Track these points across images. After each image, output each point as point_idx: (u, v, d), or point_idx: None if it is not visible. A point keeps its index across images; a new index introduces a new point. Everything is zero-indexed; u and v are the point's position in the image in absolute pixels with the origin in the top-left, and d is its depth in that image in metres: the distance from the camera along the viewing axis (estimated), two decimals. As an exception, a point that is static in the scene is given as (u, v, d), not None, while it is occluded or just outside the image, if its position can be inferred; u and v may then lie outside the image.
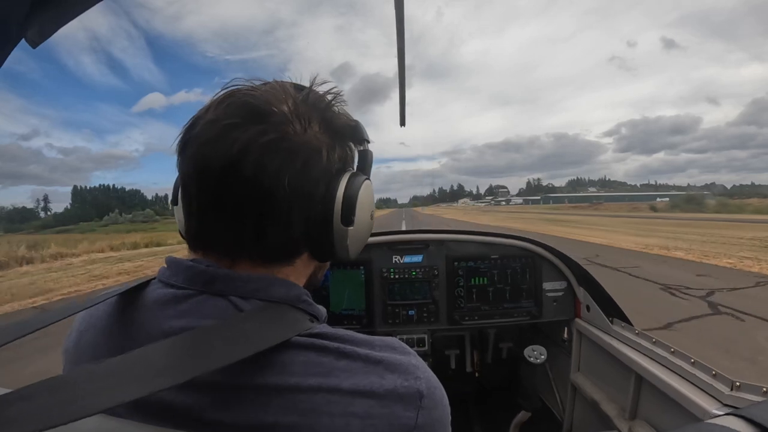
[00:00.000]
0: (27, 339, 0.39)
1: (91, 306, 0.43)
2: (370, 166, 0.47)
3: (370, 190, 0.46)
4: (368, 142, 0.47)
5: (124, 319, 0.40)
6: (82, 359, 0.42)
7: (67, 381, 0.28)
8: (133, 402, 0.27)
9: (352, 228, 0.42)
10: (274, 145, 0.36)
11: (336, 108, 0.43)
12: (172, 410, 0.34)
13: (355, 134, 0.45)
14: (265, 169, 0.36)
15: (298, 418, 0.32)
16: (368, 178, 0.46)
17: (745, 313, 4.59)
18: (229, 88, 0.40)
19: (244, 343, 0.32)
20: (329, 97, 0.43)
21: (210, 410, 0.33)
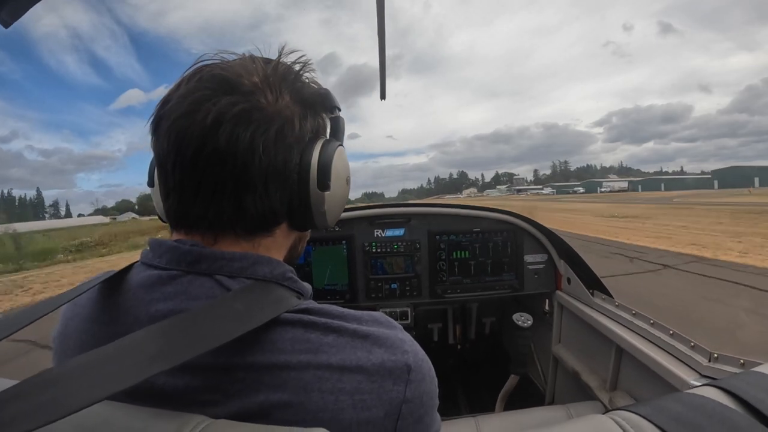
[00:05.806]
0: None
1: (76, 296, 0.43)
2: (343, 133, 0.48)
3: (344, 156, 0.47)
4: (339, 109, 0.47)
5: (109, 305, 0.40)
6: (69, 347, 0.42)
7: (59, 374, 0.28)
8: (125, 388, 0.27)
9: (328, 193, 0.43)
10: (247, 114, 0.37)
11: (305, 77, 0.43)
12: (165, 394, 0.34)
13: (326, 102, 0.45)
14: (239, 139, 0.36)
15: (289, 395, 0.33)
16: (341, 145, 0.46)
17: None
18: (199, 64, 0.40)
19: (234, 322, 0.32)
20: (297, 66, 0.43)
21: (202, 392, 0.33)
